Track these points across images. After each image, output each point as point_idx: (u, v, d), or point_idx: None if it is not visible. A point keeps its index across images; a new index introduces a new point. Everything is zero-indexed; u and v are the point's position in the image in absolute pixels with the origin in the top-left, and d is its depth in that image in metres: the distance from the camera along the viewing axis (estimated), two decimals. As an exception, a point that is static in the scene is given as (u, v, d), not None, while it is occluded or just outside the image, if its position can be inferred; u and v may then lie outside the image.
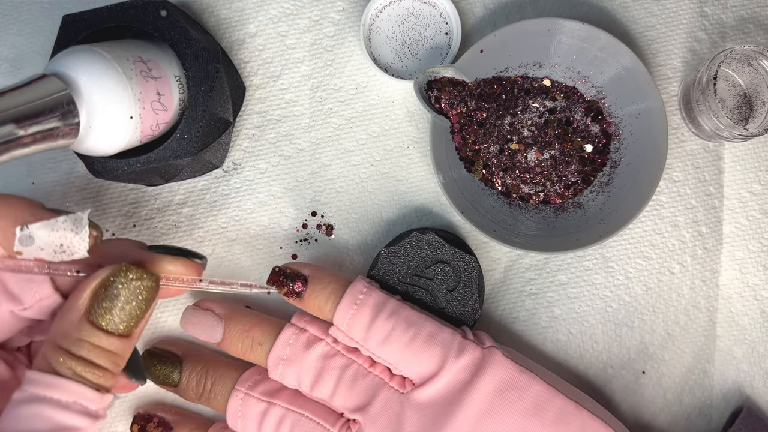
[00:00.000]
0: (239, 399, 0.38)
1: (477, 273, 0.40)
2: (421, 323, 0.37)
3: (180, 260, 0.34)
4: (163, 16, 0.36)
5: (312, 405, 0.38)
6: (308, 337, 0.38)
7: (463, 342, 0.37)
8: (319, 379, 0.37)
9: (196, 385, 0.39)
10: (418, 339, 0.37)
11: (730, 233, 0.43)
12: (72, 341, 0.30)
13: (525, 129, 0.43)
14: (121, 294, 0.31)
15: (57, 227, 0.30)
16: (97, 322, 0.30)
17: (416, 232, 0.40)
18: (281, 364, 0.38)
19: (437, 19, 0.43)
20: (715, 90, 0.39)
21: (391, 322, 0.37)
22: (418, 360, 0.37)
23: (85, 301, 0.30)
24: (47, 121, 0.30)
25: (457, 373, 0.36)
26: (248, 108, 0.44)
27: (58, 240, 0.30)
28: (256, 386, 0.38)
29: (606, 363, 0.43)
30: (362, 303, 0.37)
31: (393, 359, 0.37)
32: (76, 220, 0.31)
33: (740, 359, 0.43)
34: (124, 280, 0.31)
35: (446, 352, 0.37)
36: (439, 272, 0.40)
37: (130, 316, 0.31)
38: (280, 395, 0.38)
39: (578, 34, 0.41)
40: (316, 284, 0.38)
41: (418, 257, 0.40)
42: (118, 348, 0.31)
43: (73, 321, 0.30)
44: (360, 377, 0.37)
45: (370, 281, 0.39)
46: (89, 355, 0.30)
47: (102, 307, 0.30)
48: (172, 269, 0.34)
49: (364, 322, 0.37)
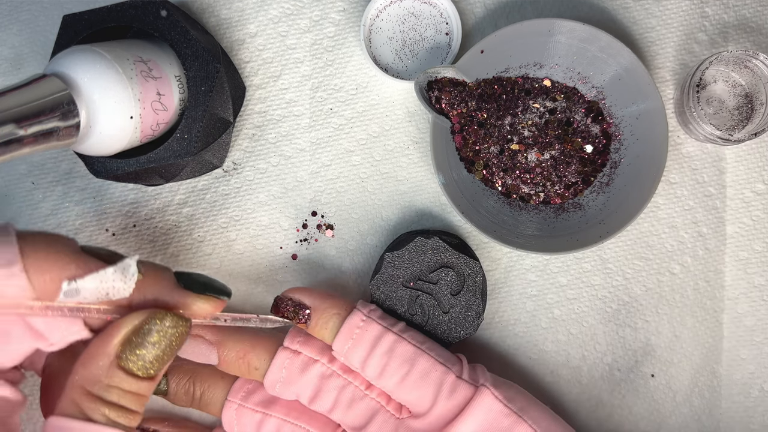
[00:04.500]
0: (233, 410, 0.38)
1: (481, 278, 0.40)
2: (416, 359, 0.37)
3: (210, 301, 0.34)
4: (163, 16, 0.36)
5: (308, 416, 0.38)
6: (303, 360, 0.38)
7: (456, 381, 0.37)
8: (318, 394, 0.37)
9: (185, 394, 0.39)
10: (411, 376, 0.37)
11: (733, 233, 0.43)
12: (102, 387, 0.29)
13: (525, 129, 0.43)
14: (155, 341, 0.30)
15: (107, 279, 0.30)
16: (129, 369, 0.30)
17: (420, 236, 0.40)
18: (278, 385, 0.38)
19: (437, 19, 0.43)
20: (698, 98, 0.39)
21: (386, 358, 0.37)
22: (411, 395, 0.37)
23: (116, 348, 0.30)
24: (47, 121, 0.30)
25: (448, 410, 0.36)
26: (248, 108, 0.44)
27: (105, 290, 0.30)
28: (249, 396, 0.38)
29: (611, 365, 0.43)
30: (359, 337, 0.37)
31: (388, 390, 0.37)
32: (125, 269, 0.30)
33: (747, 360, 0.43)
34: (160, 327, 0.30)
35: (438, 390, 0.37)
36: (443, 277, 0.40)
37: (161, 361, 0.31)
38: (275, 406, 0.38)
39: (579, 35, 0.41)
40: (319, 317, 0.38)
41: (422, 261, 0.40)
42: (145, 390, 0.31)
43: (103, 366, 0.30)
44: (357, 399, 0.37)
45: (369, 311, 0.38)
46: (120, 400, 0.30)
47: (135, 354, 0.30)
48: (201, 310, 0.33)
49: (360, 355, 0.37)
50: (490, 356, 0.43)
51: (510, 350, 0.43)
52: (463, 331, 0.40)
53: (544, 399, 0.42)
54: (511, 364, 0.43)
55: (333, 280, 0.43)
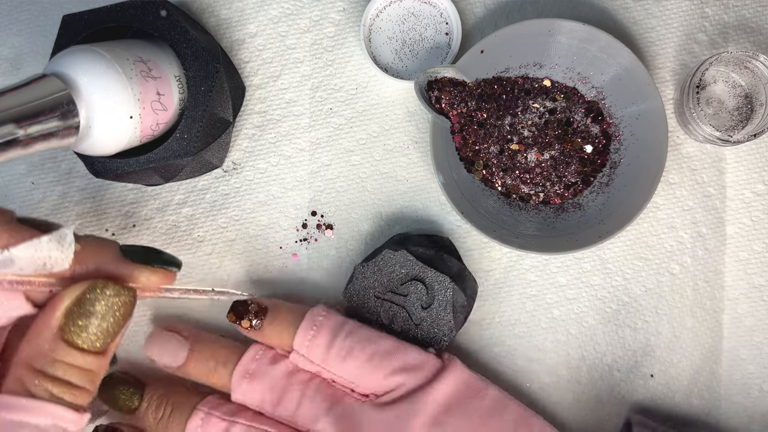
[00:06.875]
0: (199, 419, 0.37)
1: (450, 293, 0.39)
2: (380, 340, 0.38)
3: (158, 273, 0.33)
4: (163, 16, 0.36)
5: (274, 423, 0.38)
6: (275, 354, 0.38)
7: (424, 354, 0.38)
8: (283, 396, 0.37)
9: (156, 409, 0.38)
10: (377, 355, 0.37)
11: (733, 234, 0.43)
12: (47, 362, 0.28)
13: (525, 129, 0.43)
14: (98, 311, 0.29)
15: (41, 248, 0.29)
16: (72, 341, 0.29)
17: (388, 249, 0.40)
18: (245, 380, 0.38)
19: (437, 19, 0.43)
20: (698, 98, 0.39)
21: (349, 341, 0.37)
22: (378, 375, 0.37)
23: (59, 320, 0.29)
24: (47, 121, 0.30)
25: (417, 384, 0.37)
26: (248, 108, 0.44)
27: (41, 260, 0.29)
28: (218, 407, 0.38)
29: (611, 365, 0.43)
30: (321, 325, 0.38)
31: (353, 376, 0.37)
32: (61, 237, 0.29)
33: (747, 360, 0.43)
34: (101, 297, 0.29)
35: (406, 365, 0.37)
36: (413, 290, 0.40)
37: (106, 333, 0.30)
38: (242, 415, 0.38)
39: (578, 35, 0.41)
40: (276, 314, 0.38)
41: (391, 274, 0.40)
42: (93, 365, 0.30)
43: (46, 340, 0.29)
44: (323, 388, 0.38)
45: (329, 307, 0.39)
46: (65, 375, 0.29)
47: (77, 326, 0.29)
48: (149, 281, 0.33)
49: (323, 344, 0.37)
50: (489, 356, 0.43)
51: (510, 350, 0.43)
52: (435, 344, 0.40)
53: (543, 399, 0.43)
54: (511, 364, 0.43)
55: (332, 280, 0.43)
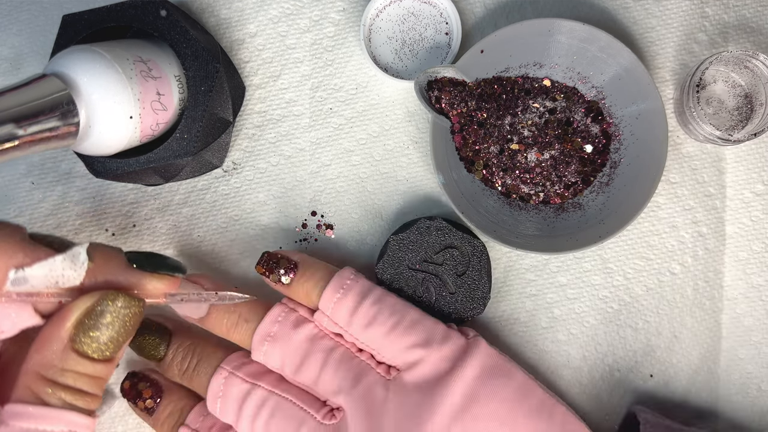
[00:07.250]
0: (222, 378, 0.38)
1: (486, 257, 0.40)
2: (405, 310, 0.37)
3: (164, 279, 0.33)
4: (163, 16, 0.36)
5: (296, 390, 0.38)
6: (297, 317, 0.38)
7: (447, 330, 0.37)
8: (304, 361, 0.37)
9: (182, 360, 0.39)
10: (401, 325, 0.37)
11: (733, 234, 0.43)
12: (57, 371, 0.29)
13: (525, 129, 0.43)
14: (108, 322, 0.30)
15: (55, 267, 0.29)
16: (83, 351, 0.30)
17: (424, 218, 0.40)
18: (267, 342, 0.37)
19: (437, 19, 0.43)
20: (698, 98, 0.39)
21: (375, 308, 0.37)
22: (400, 346, 0.37)
23: (69, 331, 0.29)
24: (47, 121, 0.30)
25: (441, 359, 0.37)
26: (248, 108, 0.44)
27: (54, 278, 0.29)
28: (241, 367, 0.38)
29: (612, 366, 0.43)
30: (348, 288, 0.37)
31: (376, 345, 0.37)
32: (75, 256, 0.30)
33: (746, 360, 0.43)
34: (112, 308, 0.30)
35: (429, 339, 0.37)
36: (448, 257, 0.40)
37: (116, 343, 0.31)
38: (265, 378, 0.38)
39: (578, 35, 0.41)
40: (305, 270, 0.38)
41: (427, 243, 0.40)
42: (102, 372, 0.31)
43: (56, 351, 0.29)
44: (346, 359, 0.37)
45: (357, 271, 0.39)
46: (76, 383, 0.30)
47: (88, 336, 0.30)
48: (155, 289, 0.33)
49: (348, 307, 0.37)
50: (490, 356, 0.43)
51: (509, 350, 0.43)
52: (470, 311, 0.40)
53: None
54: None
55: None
